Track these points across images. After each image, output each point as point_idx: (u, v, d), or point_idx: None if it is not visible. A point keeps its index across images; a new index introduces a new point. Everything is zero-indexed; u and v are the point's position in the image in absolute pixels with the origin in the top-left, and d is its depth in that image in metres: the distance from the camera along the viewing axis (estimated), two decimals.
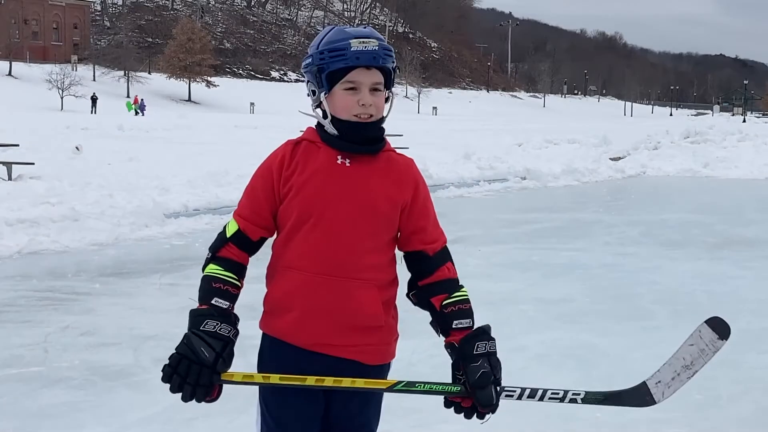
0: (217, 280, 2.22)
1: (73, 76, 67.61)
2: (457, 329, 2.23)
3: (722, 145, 24.57)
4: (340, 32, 2.20)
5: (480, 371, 2.16)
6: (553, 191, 16.13)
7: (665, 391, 2.26)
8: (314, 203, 2.18)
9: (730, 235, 10.43)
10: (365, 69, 2.15)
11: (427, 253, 2.28)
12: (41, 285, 6.96)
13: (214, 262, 2.26)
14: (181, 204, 11.19)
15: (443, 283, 2.27)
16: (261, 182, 2.26)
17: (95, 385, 4.51)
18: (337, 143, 2.21)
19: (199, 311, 2.17)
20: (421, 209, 2.28)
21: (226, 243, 2.26)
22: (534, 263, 8.20)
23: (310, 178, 2.19)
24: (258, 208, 2.26)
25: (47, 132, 23.96)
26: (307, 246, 2.19)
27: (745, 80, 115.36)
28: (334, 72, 2.16)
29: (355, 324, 2.21)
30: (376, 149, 2.24)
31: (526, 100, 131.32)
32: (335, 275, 2.18)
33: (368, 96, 2.17)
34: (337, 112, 2.19)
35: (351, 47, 2.13)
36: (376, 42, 2.16)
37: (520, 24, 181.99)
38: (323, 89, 2.19)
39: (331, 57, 2.15)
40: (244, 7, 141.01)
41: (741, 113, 79.87)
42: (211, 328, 2.13)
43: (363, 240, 2.19)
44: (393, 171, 2.25)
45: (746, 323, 6.12)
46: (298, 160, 2.22)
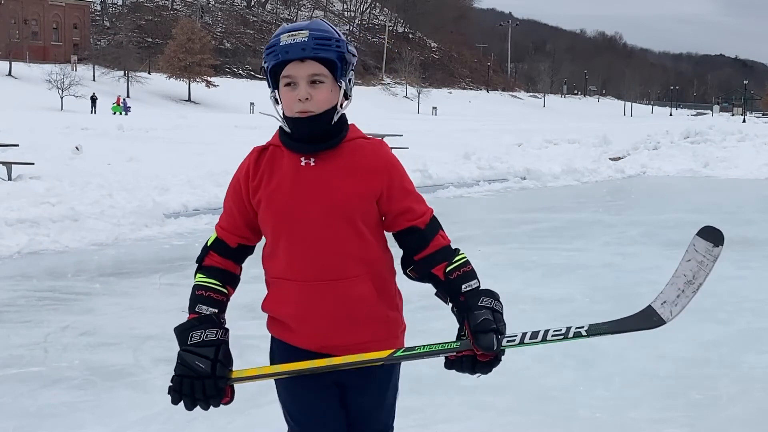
0: (200, 287, 2.24)
1: (73, 76, 67.58)
2: (466, 291, 2.19)
3: (722, 145, 24.56)
4: (280, 29, 2.17)
5: (482, 317, 2.11)
6: (553, 191, 16.13)
7: (672, 310, 2.22)
8: (286, 212, 2.16)
9: (730, 235, 10.28)
10: (299, 62, 2.10)
11: (419, 226, 2.23)
12: (41, 285, 6.96)
13: (199, 272, 2.29)
14: (180, 204, 11.19)
15: (441, 252, 2.23)
16: (232, 195, 2.27)
17: (95, 385, 4.51)
18: (293, 145, 2.18)
19: (182, 327, 2.19)
20: (400, 191, 2.23)
21: (208, 252, 2.29)
22: (534, 263, 8.20)
23: (277, 187, 2.17)
24: (232, 219, 2.27)
25: (47, 132, 23.95)
26: (290, 255, 2.18)
27: (745, 80, 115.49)
28: (275, 70, 2.13)
29: (357, 321, 2.20)
30: (332, 144, 2.18)
31: (526, 100, 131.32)
32: (327, 279, 2.17)
33: (303, 90, 2.10)
34: (285, 110, 2.16)
35: (280, 42, 2.10)
36: (306, 32, 2.10)
37: (520, 24, 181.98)
38: (270, 88, 2.18)
39: (267, 54, 2.14)
40: (244, 7, 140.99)
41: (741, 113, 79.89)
42: (197, 338, 2.14)
43: (344, 238, 2.16)
44: (361, 162, 2.18)
45: (746, 323, 6.13)
46: (264, 169, 2.21)
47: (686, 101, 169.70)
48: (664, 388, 4.60)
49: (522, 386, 4.42)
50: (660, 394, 4.50)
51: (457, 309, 2.20)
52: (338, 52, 2.12)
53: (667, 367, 4.98)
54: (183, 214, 10.73)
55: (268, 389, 4.49)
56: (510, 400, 4.21)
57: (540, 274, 7.72)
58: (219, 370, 2.13)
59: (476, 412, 4.03)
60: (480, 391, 4.17)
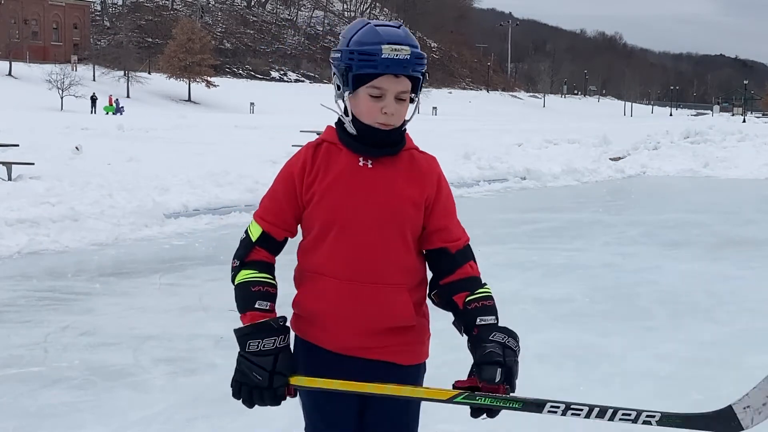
0: (255, 283, 2.18)
1: (73, 76, 67.55)
2: (480, 325, 2.15)
3: (722, 145, 24.55)
4: (372, 32, 2.11)
5: (489, 349, 2.09)
6: (553, 191, 16.12)
7: (755, 417, 2.03)
8: (339, 209, 2.15)
9: (730, 235, 10.42)
10: (393, 77, 2.09)
11: (449, 250, 2.23)
12: (41, 285, 6.96)
13: (245, 268, 2.21)
14: (180, 204, 11.18)
15: (466, 281, 2.22)
16: (283, 188, 2.22)
17: (95, 385, 4.50)
18: (355, 145, 2.17)
19: (240, 332, 2.14)
20: (444, 208, 2.25)
21: (254, 247, 2.22)
22: (534, 263, 8.20)
23: (333, 182, 2.16)
24: (281, 213, 2.22)
25: (47, 132, 23.94)
26: (335, 252, 2.16)
27: (745, 80, 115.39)
28: (361, 75, 2.10)
29: (389, 326, 2.19)
30: (396, 150, 2.19)
31: (526, 100, 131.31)
32: (366, 281, 2.15)
33: (392, 105, 2.11)
34: (359, 114, 2.14)
35: (382, 53, 2.06)
36: (409, 50, 2.08)
37: (520, 24, 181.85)
38: (348, 89, 2.12)
39: (360, 60, 2.08)
40: (244, 7, 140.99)
41: (741, 113, 79.89)
42: (255, 348, 2.10)
43: (391, 244, 2.17)
44: (415, 170, 2.21)
45: (746, 323, 6.13)
46: (320, 164, 2.18)
47: (686, 101, 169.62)
48: (664, 388, 4.60)
49: (522, 386, 4.40)
50: (660, 394, 4.50)
51: (470, 342, 2.17)
52: (424, 69, 2.14)
53: (667, 367, 4.98)
54: (183, 214, 10.73)
55: None
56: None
57: (540, 274, 7.72)
58: (276, 381, 2.09)
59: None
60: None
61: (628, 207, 13.86)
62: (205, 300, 6.51)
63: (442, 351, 4.77)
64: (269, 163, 16.39)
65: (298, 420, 3.97)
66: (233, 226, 10.33)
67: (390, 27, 2.14)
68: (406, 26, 2.23)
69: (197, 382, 4.58)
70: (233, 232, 9.97)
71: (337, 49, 2.16)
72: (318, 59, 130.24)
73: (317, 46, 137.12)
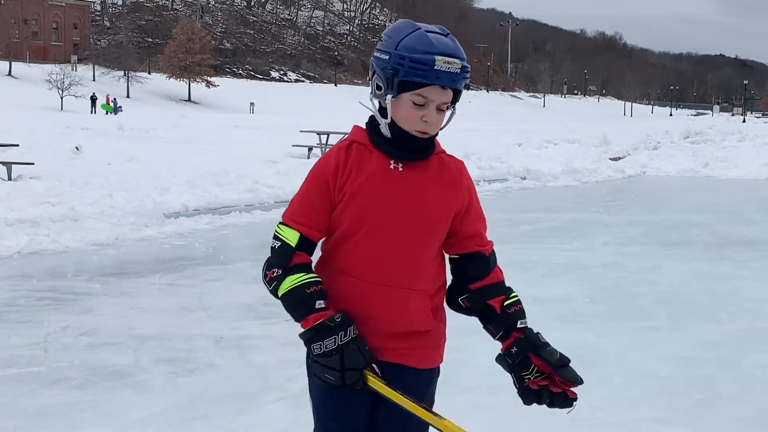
0: (309, 284, 2.14)
1: (73, 76, 67.50)
2: (522, 328, 2.24)
3: (722, 145, 24.55)
4: (425, 40, 2.08)
5: (558, 352, 2.18)
6: (553, 191, 16.12)
7: None
8: (368, 210, 2.14)
9: (730, 235, 10.43)
10: (440, 88, 2.08)
11: (485, 253, 2.26)
12: (41, 285, 6.96)
13: (290, 274, 2.15)
14: (181, 204, 11.18)
15: (499, 285, 2.27)
16: (316, 190, 2.19)
17: (95, 385, 4.51)
18: (387, 148, 2.16)
19: (304, 336, 2.12)
20: (476, 212, 2.27)
21: (294, 252, 2.17)
22: (534, 263, 8.19)
23: (364, 184, 2.15)
24: (315, 215, 2.19)
25: (47, 132, 23.94)
26: (362, 253, 2.15)
27: (745, 80, 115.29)
28: (408, 81, 2.07)
29: (410, 330, 2.19)
30: (426, 156, 2.19)
31: (526, 100, 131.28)
32: (391, 285, 2.15)
33: (434, 114, 2.11)
34: (398, 119, 2.12)
35: (435, 65, 2.04)
36: (460, 63, 2.07)
37: (520, 24, 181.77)
38: (391, 92, 2.09)
39: (410, 67, 2.05)
40: (244, 7, 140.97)
41: (741, 113, 79.85)
42: (318, 350, 2.09)
43: (418, 249, 2.17)
44: (446, 176, 2.21)
45: (746, 323, 6.13)
46: (352, 165, 2.16)
47: (686, 101, 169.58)
48: (664, 388, 4.60)
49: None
50: (660, 394, 4.50)
51: (517, 346, 2.21)
52: (467, 81, 2.15)
53: (667, 367, 4.98)
54: (183, 214, 10.73)
55: (268, 389, 4.51)
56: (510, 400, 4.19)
57: (540, 274, 7.72)
58: (348, 377, 2.08)
59: (476, 412, 4.02)
60: (480, 391, 4.17)
61: (628, 207, 13.86)
62: (205, 300, 6.51)
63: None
64: (269, 163, 16.39)
65: (298, 420, 3.98)
66: (233, 226, 10.33)
67: (440, 35, 2.10)
68: None
69: (197, 382, 4.59)
70: (233, 232, 9.98)
71: (383, 50, 2.11)
72: (318, 59, 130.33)
73: (317, 46, 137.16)
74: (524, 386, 2.20)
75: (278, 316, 5.85)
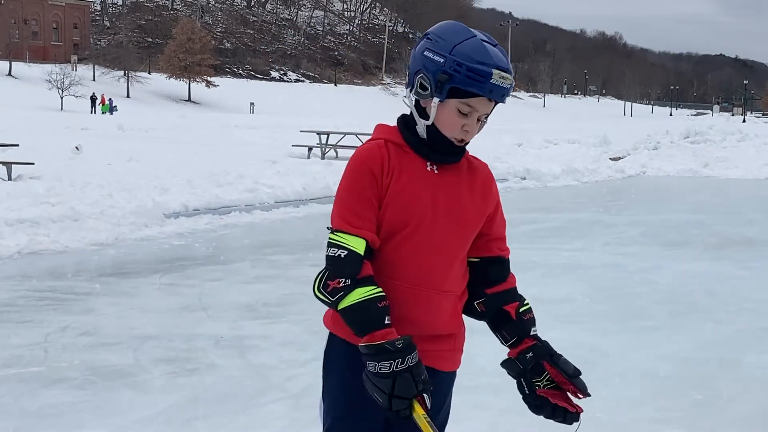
0: (379, 299, 2.05)
1: (73, 76, 67.54)
2: (532, 336, 2.25)
3: (722, 145, 24.56)
4: (483, 50, 2.04)
5: (571, 364, 2.21)
6: (553, 191, 16.13)
7: None
8: (410, 212, 2.11)
9: (730, 235, 10.43)
10: (488, 100, 2.07)
11: (505, 257, 2.27)
12: (41, 285, 6.96)
13: (360, 286, 2.05)
14: (181, 204, 11.18)
15: (514, 291, 2.28)
16: (368, 187, 2.10)
17: (95, 385, 4.50)
18: (423, 150, 2.13)
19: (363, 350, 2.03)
20: (502, 217, 2.29)
21: (362, 261, 2.07)
22: (534, 263, 8.19)
23: (406, 185, 2.11)
24: (371, 215, 2.10)
25: (47, 132, 23.95)
26: (402, 256, 2.12)
27: (745, 80, 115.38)
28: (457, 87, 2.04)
29: (437, 333, 2.18)
30: (460, 158, 2.19)
31: (526, 100, 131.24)
32: (429, 288, 2.14)
33: (474, 124, 2.10)
34: (438, 123, 2.10)
35: (492, 78, 2.02)
36: (511, 80, 2.06)
37: (520, 24, 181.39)
38: (440, 96, 2.06)
39: (467, 76, 2.02)
40: (244, 7, 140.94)
41: (741, 113, 79.86)
42: (373, 369, 2.02)
43: (453, 251, 2.17)
44: (478, 179, 2.22)
45: (746, 323, 6.13)
46: (394, 164, 2.12)
47: (686, 101, 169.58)
48: (664, 388, 4.60)
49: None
50: (660, 394, 4.50)
51: (532, 352, 2.22)
52: None
53: (667, 367, 4.98)
54: (183, 214, 10.73)
55: (268, 389, 4.51)
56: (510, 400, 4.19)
57: (540, 274, 7.71)
58: (395, 404, 2.00)
59: (476, 412, 4.03)
60: (480, 391, 4.17)
61: (628, 207, 13.86)
62: (205, 300, 6.51)
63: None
64: (269, 163, 16.39)
65: (298, 420, 3.98)
66: (233, 226, 10.33)
67: (493, 46, 2.08)
68: (406, 26, 2.22)
69: (197, 382, 4.58)
70: (233, 232, 9.98)
71: (437, 51, 2.06)
72: (318, 59, 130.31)
73: (317, 46, 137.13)
74: (535, 394, 2.24)
75: (278, 316, 5.87)
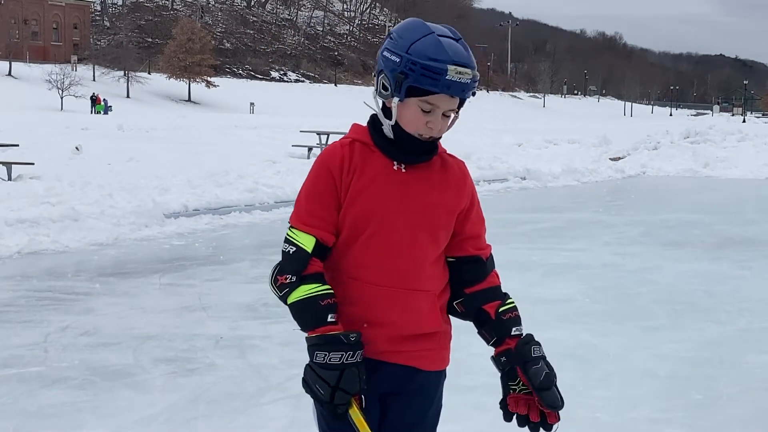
0: (324, 296, 2.06)
1: (73, 76, 67.44)
2: (514, 336, 2.18)
3: (722, 145, 24.55)
4: (438, 46, 2.04)
5: (543, 372, 2.12)
6: (553, 191, 16.13)
7: None
8: (374, 211, 2.10)
9: (730, 235, 10.43)
10: (449, 96, 2.05)
11: (483, 257, 2.23)
12: (41, 285, 6.96)
13: (305, 283, 2.07)
14: (181, 204, 11.18)
15: (495, 290, 2.23)
16: (325, 186, 2.12)
17: (95, 385, 4.51)
18: (390, 150, 2.12)
19: (311, 341, 2.04)
20: (477, 215, 2.25)
21: (310, 259, 2.09)
22: (534, 263, 8.19)
23: (369, 184, 2.10)
24: (326, 215, 2.11)
25: (47, 132, 23.92)
26: (367, 256, 2.11)
27: (745, 80, 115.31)
28: (415, 86, 2.03)
29: (418, 332, 2.16)
30: (429, 158, 2.16)
31: (526, 101, 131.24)
32: (400, 287, 2.12)
33: (438, 120, 2.08)
34: (402, 122, 2.09)
35: (446, 74, 2.00)
36: (470, 74, 2.04)
37: (520, 24, 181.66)
38: (398, 95, 2.06)
39: (422, 74, 2.01)
40: (244, 7, 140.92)
41: (741, 113, 79.82)
42: (321, 360, 2.01)
43: (425, 249, 2.15)
44: (449, 177, 2.19)
45: (746, 323, 6.14)
46: (356, 163, 2.11)
47: (686, 101, 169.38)
48: (664, 388, 4.60)
49: None
50: (660, 394, 4.50)
51: (505, 356, 2.18)
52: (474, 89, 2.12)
53: (667, 367, 4.98)
54: (183, 214, 10.73)
55: (268, 389, 4.51)
56: None
57: (540, 274, 7.72)
58: (338, 398, 2.00)
59: (476, 412, 4.03)
60: (480, 391, 4.17)
61: (628, 207, 13.86)
62: (205, 300, 6.51)
63: None
64: (269, 163, 16.40)
65: (298, 420, 3.98)
66: (233, 226, 10.34)
67: (452, 41, 2.07)
68: None
69: (197, 382, 4.59)
70: (233, 232, 9.99)
71: (394, 51, 2.06)
72: (318, 59, 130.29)
73: (317, 46, 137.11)
74: (506, 401, 2.22)
75: (278, 316, 5.87)
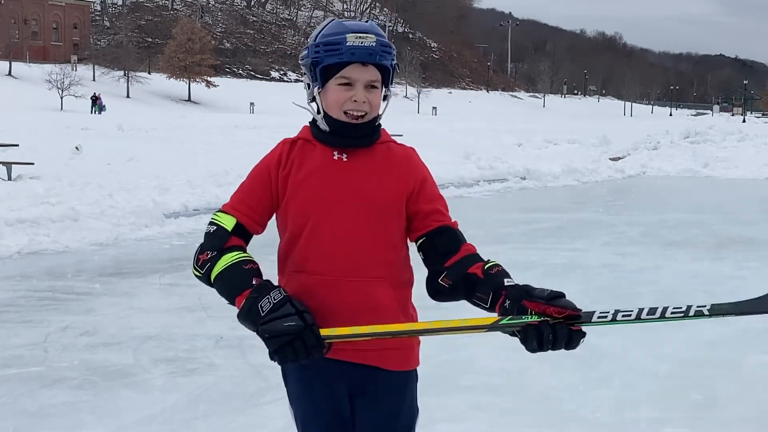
0: (245, 262, 2.09)
1: (72, 76, 67.45)
2: (509, 285, 2.08)
3: (722, 145, 24.57)
4: (338, 25, 2.12)
5: (547, 290, 2.04)
6: (553, 191, 16.13)
7: None
8: (314, 202, 2.12)
9: (730, 235, 10.43)
10: (361, 65, 2.07)
11: (451, 226, 2.18)
12: (41, 285, 6.96)
13: (225, 254, 2.12)
14: (180, 204, 11.19)
15: (474, 256, 2.15)
16: (258, 180, 2.19)
17: (95, 385, 4.51)
18: (328, 139, 2.15)
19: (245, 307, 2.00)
20: (431, 193, 2.19)
21: (229, 236, 2.15)
22: (534, 263, 8.19)
23: (307, 176, 2.13)
24: (254, 204, 2.17)
25: (47, 132, 23.93)
26: (313, 248, 2.12)
27: (745, 80, 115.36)
28: (329, 67, 2.08)
29: (374, 323, 2.09)
30: (367, 142, 2.16)
31: (526, 100, 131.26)
32: (350, 276, 2.10)
33: (362, 92, 2.09)
34: (329, 108, 2.12)
35: (347, 42, 2.05)
36: (374, 38, 2.07)
37: (520, 24, 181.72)
38: (317, 84, 2.12)
39: (325, 51, 2.07)
40: (244, 7, 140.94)
41: (741, 113, 79.83)
42: (268, 305, 1.97)
43: (372, 235, 2.12)
44: (393, 163, 2.17)
45: (746, 323, 6.11)
46: (294, 158, 2.16)
47: (686, 101, 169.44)
48: (664, 388, 4.60)
49: (522, 386, 4.41)
50: (660, 394, 4.50)
51: (509, 299, 2.05)
52: (393, 61, 2.14)
53: (667, 367, 4.98)
54: (183, 214, 10.74)
55: (268, 389, 4.51)
56: (510, 400, 4.21)
57: (540, 274, 7.71)
58: (308, 318, 1.97)
59: (476, 412, 4.02)
60: (480, 391, 4.17)
61: (628, 207, 13.87)
62: (205, 300, 6.50)
63: (442, 351, 4.77)
64: None
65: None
66: None
67: (357, 22, 2.15)
68: (406, 26, 2.21)
69: (197, 382, 4.59)
70: None
71: (305, 47, 2.16)
72: None
73: None
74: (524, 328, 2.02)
75: None
